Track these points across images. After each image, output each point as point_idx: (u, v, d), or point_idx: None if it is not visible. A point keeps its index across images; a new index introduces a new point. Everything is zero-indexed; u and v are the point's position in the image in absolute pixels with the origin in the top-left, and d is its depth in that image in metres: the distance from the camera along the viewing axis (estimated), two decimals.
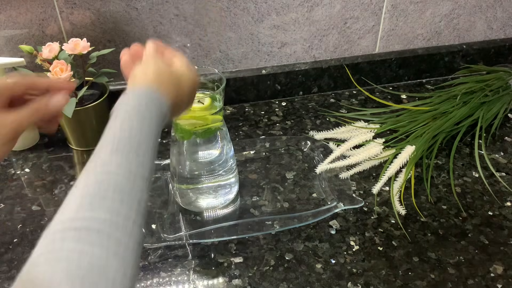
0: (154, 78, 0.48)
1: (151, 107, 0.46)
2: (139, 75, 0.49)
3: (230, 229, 0.70)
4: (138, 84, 0.48)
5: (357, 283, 0.62)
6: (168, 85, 0.49)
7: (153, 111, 0.45)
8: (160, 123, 0.46)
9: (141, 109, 0.45)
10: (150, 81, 0.48)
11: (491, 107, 0.90)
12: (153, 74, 0.48)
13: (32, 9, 0.81)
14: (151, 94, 0.46)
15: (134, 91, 0.47)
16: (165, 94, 0.48)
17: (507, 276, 0.63)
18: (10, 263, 0.65)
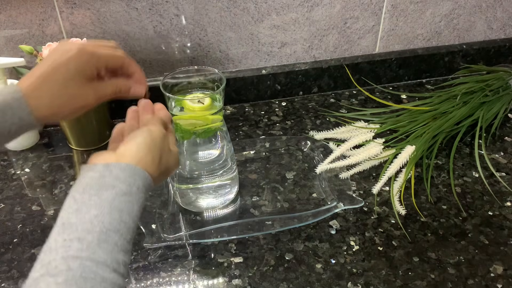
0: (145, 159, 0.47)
1: (143, 189, 0.45)
2: (129, 151, 0.48)
3: (230, 229, 0.70)
4: (128, 160, 0.46)
5: (357, 283, 0.62)
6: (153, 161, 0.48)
7: (143, 193, 0.45)
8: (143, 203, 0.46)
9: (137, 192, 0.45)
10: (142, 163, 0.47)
11: (491, 107, 0.90)
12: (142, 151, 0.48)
13: (32, 9, 0.81)
14: (145, 177, 0.46)
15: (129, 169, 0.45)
16: (152, 173, 0.47)
17: (507, 276, 0.63)
18: (10, 263, 0.65)
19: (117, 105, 0.92)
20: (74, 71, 0.47)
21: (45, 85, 0.46)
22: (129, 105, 0.93)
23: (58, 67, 0.47)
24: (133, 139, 0.49)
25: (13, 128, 0.45)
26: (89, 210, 0.41)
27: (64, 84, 0.47)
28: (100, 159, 0.47)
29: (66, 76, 0.47)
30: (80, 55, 0.48)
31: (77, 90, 0.48)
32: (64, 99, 0.47)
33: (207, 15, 0.88)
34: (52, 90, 0.46)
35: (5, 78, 0.81)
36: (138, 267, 0.65)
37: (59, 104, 0.47)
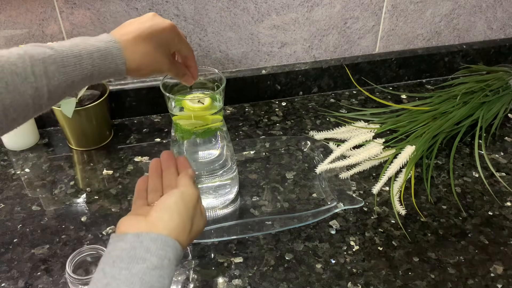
0: (177, 229, 0.48)
1: (175, 261, 0.46)
2: (161, 220, 0.48)
3: (230, 229, 0.70)
4: (160, 230, 0.47)
5: (357, 283, 0.62)
6: (184, 227, 0.49)
7: (174, 265, 0.46)
8: None
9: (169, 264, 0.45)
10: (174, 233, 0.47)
11: (491, 107, 0.90)
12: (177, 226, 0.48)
13: (32, 9, 0.81)
14: (177, 248, 0.47)
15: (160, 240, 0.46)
16: (183, 242, 0.48)
17: (507, 276, 0.63)
18: (10, 263, 0.65)
19: (117, 105, 0.92)
20: (164, 41, 0.55)
21: (141, 44, 0.52)
22: (129, 105, 0.93)
23: (154, 32, 0.53)
24: (164, 205, 0.50)
25: (108, 72, 0.51)
26: (119, 286, 0.41)
27: (155, 49, 0.54)
28: (130, 227, 0.47)
29: (158, 43, 0.54)
30: (172, 31, 0.55)
31: (162, 58, 0.55)
32: (151, 60, 0.54)
33: (207, 15, 0.88)
34: (145, 50, 0.53)
35: None
36: None
37: (146, 63, 0.53)
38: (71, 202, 0.75)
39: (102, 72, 0.50)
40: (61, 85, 0.48)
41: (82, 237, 0.69)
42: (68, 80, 0.48)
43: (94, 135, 0.86)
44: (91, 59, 0.49)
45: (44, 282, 0.63)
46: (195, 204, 0.52)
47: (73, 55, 0.48)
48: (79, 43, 0.49)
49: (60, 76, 0.47)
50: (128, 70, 0.52)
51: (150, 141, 0.88)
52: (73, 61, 0.48)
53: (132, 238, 0.45)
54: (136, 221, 0.48)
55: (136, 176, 0.80)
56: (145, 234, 0.45)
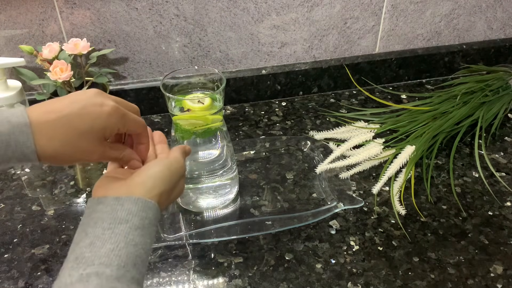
0: (158, 196, 0.47)
1: (154, 221, 0.45)
2: (143, 185, 0.47)
3: (230, 229, 0.70)
4: (141, 193, 0.46)
5: (357, 283, 0.62)
6: (166, 194, 0.48)
7: (154, 226, 0.46)
8: None
9: (149, 225, 0.45)
10: (155, 199, 0.46)
11: (491, 107, 0.90)
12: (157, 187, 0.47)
13: (32, 9, 0.81)
14: (157, 210, 0.46)
15: (141, 203, 0.45)
16: (162, 206, 0.48)
17: (507, 276, 0.63)
18: (10, 263, 0.65)
19: None
20: (97, 129, 0.44)
21: (64, 129, 0.43)
22: None
23: (85, 116, 0.44)
24: (149, 171, 0.48)
25: (13, 159, 0.42)
26: (104, 244, 0.40)
27: (82, 136, 0.44)
28: (109, 190, 0.46)
29: (86, 129, 0.44)
30: (111, 115, 0.45)
31: (89, 146, 0.45)
32: (73, 149, 0.44)
33: (207, 15, 0.88)
34: (67, 136, 0.43)
35: (5, 78, 0.81)
36: None
37: (65, 152, 0.44)
38: (71, 202, 0.75)
39: (5, 160, 0.42)
40: None
41: None
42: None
43: None
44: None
45: (44, 282, 0.63)
46: (179, 173, 0.51)
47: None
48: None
49: None
50: (41, 158, 0.43)
51: None
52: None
53: (112, 201, 0.44)
54: (115, 184, 0.47)
55: None
56: (126, 197, 0.44)
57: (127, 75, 0.92)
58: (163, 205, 0.48)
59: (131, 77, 0.92)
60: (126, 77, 0.91)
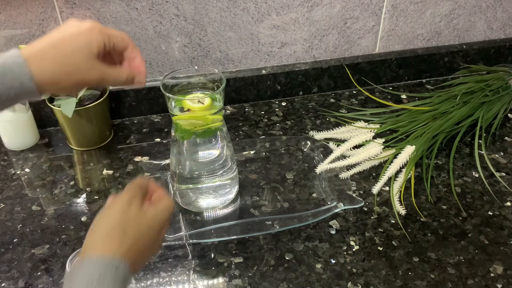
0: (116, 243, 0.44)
1: (116, 281, 0.42)
2: (98, 238, 0.45)
3: (230, 229, 0.70)
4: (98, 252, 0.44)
5: (357, 283, 0.62)
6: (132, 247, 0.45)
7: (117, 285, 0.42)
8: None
9: None
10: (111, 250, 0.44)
11: (491, 107, 0.90)
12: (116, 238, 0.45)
13: (32, 9, 0.81)
14: (114, 267, 0.43)
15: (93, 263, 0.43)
16: (128, 260, 0.44)
17: (507, 276, 0.63)
18: (10, 263, 0.65)
19: (117, 105, 0.92)
20: (84, 43, 0.47)
21: (51, 51, 0.45)
22: (129, 105, 0.93)
23: (68, 36, 0.46)
24: None
25: (12, 93, 0.44)
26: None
27: (71, 53, 0.46)
28: None
29: (75, 47, 0.46)
30: (92, 29, 0.47)
31: (82, 63, 0.47)
32: (68, 68, 0.46)
33: (207, 15, 0.88)
34: (57, 56, 0.45)
35: None
36: None
37: (62, 72, 0.46)
38: (71, 202, 0.75)
39: (6, 92, 0.43)
40: None
41: (82, 237, 0.69)
42: None
43: (94, 135, 0.86)
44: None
45: (44, 282, 0.63)
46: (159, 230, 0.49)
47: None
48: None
49: None
50: (40, 85, 0.45)
51: (150, 141, 0.88)
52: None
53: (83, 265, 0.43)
54: None
55: (136, 176, 0.80)
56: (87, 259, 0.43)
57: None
58: (136, 263, 0.45)
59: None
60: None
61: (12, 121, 0.83)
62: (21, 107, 0.83)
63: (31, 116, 0.86)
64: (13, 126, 0.84)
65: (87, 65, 0.47)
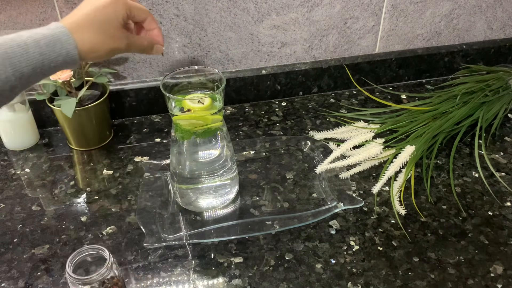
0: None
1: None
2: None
3: (230, 229, 0.70)
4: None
5: (357, 283, 0.62)
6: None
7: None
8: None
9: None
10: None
11: (491, 107, 0.90)
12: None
13: (32, 9, 0.81)
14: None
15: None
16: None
17: (507, 276, 0.63)
18: (10, 263, 0.65)
19: (117, 105, 0.92)
20: (112, 14, 0.54)
21: (88, 23, 0.52)
22: (129, 105, 0.93)
23: (99, 8, 0.53)
24: None
25: (60, 60, 0.50)
26: None
27: (104, 23, 0.53)
28: None
29: (106, 17, 0.53)
30: (116, 2, 0.54)
31: (114, 31, 0.54)
32: (103, 37, 0.53)
33: (207, 15, 0.88)
34: (93, 27, 0.52)
35: None
36: (138, 267, 0.65)
37: (99, 41, 0.53)
38: (71, 202, 0.75)
39: (53, 60, 0.49)
40: (10, 79, 0.46)
41: (82, 237, 0.69)
42: (17, 72, 0.47)
43: (94, 135, 0.86)
44: (38, 47, 0.48)
45: (44, 282, 0.63)
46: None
47: (17, 45, 0.47)
48: (24, 34, 0.48)
49: (7, 69, 0.46)
50: (82, 53, 0.52)
51: (150, 141, 0.88)
52: (19, 51, 0.46)
53: None
54: None
55: (136, 176, 0.80)
56: None
57: (127, 75, 0.92)
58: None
59: (131, 77, 0.92)
60: (126, 77, 0.91)
61: (12, 121, 0.83)
62: (21, 107, 0.83)
63: (31, 116, 0.86)
64: (13, 126, 0.84)
65: (117, 33, 0.54)
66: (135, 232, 0.70)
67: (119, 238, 0.69)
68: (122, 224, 0.71)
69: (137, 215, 0.72)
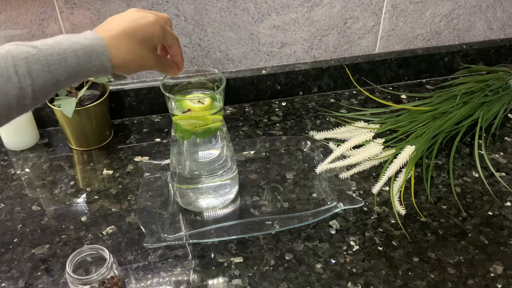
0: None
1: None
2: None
3: (230, 229, 0.70)
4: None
5: (357, 283, 0.62)
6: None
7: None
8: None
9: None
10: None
11: (491, 107, 0.90)
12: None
13: (32, 9, 0.81)
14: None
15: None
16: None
17: (507, 276, 0.63)
18: (10, 263, 0.65)
19: (117, 105, 0.92)
20: (149, 36, 0.55)
21: (125, 40, 0.53)
22: (129, 105, 0.93)
23: (138, 28, 0.54)
24: None
25: (94, 70, 0.51)
26: None
27: (140, 43, 0.54)
28: None
29: (144, 37, 0.55)
30: (155, 24, 0.56)
31: (146, 52, 0.56)
32: (136, 55, 0.55)
33: (207, 15, 0.88)
34: (130, 45, 0.54)
35: None
36: (138, 267, 0.65)
37: (131, 58, 0.54)
38: (71, 202, 0.75)
39: (87, 70, 0.51)
40: (46, 84, 0.48)
41: (82, 237, 0.69)
42: (53, 78, 0.48)
43: (94, 135, 0.86)
44: (76, 57, 0.49)
45: (44, 282, 0.63)
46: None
47: (57, 53, 0.48)
48: (63, 41, 0.49)
49: (45, 75, 0.47)
50: (114, 66, 0.53)
51: (150, 141, 0.88)
52: (58, 60, 0.48)
53: None
54: None
55: (136, 176, 0.80)
56: None
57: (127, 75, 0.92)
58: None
59: (131, 77, 0.92)
60: (126, 77, 0.91)
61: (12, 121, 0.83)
62: None
63: (31, 116, 0.86)
64: (13, 126, 0.84)
65: (148, 53, 0.56)
66: (135, 232, 0.70)
67: (119, 238, 0.69)
68: (122, 224, 0.71)
69: (137, 215, 0.72)
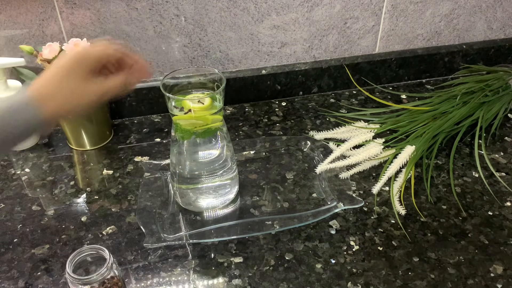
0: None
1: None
2: None
3: (230, 229, 0.70)
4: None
5: (357, 283, 0.62)
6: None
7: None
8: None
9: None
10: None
11: (491, 107, 0.90)
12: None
13: (32, 9, 0.81)
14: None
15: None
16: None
17: (507, 276, 0.63)
18: (10, 263, 0.65)
19: (117, 105, 0.92)
20: (71, 70, 0.52)
21: (49, 83, 0.51)
22: (129, 105, 0.93)
23: (59, 68, 0.52)
24: None
25: (31, 128, 0.50)
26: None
27: (64, 81, 0.52)
28: None
29: (65, 74, 0.52)
30: (74, 56, 0.52)
31: (77, 86, 0.52)
32: (66, 94, 0.52)
33: (207, 15, 0.88)
34: (54, 86, 0.51)
35: (5, 78, 0.81)
36: (138, 267, 0.65)
37: (62, 100, 0.51)
38: (71, 202, 0.75)
39: (25, 128, 0.50)
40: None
41: (82, 237, 0.69)
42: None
43: (94, 135, 0.86)
44: None
45: (44, 282, 0.63)
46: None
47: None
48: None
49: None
50: (47, 115, 0.51)
51: (150, 141, 0.88)
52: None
53: None
54: None
55: (136, 176, 0.80)
56: None
57: None
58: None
59: None
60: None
61: None
62: None
63: None
64: None
65: (81, 87, 0.52)
66: (135, 232, 0.70)
67: (119, 238, 0.69)
68: (122, 224, 0.71)
69: (137, 215, 0.72)
